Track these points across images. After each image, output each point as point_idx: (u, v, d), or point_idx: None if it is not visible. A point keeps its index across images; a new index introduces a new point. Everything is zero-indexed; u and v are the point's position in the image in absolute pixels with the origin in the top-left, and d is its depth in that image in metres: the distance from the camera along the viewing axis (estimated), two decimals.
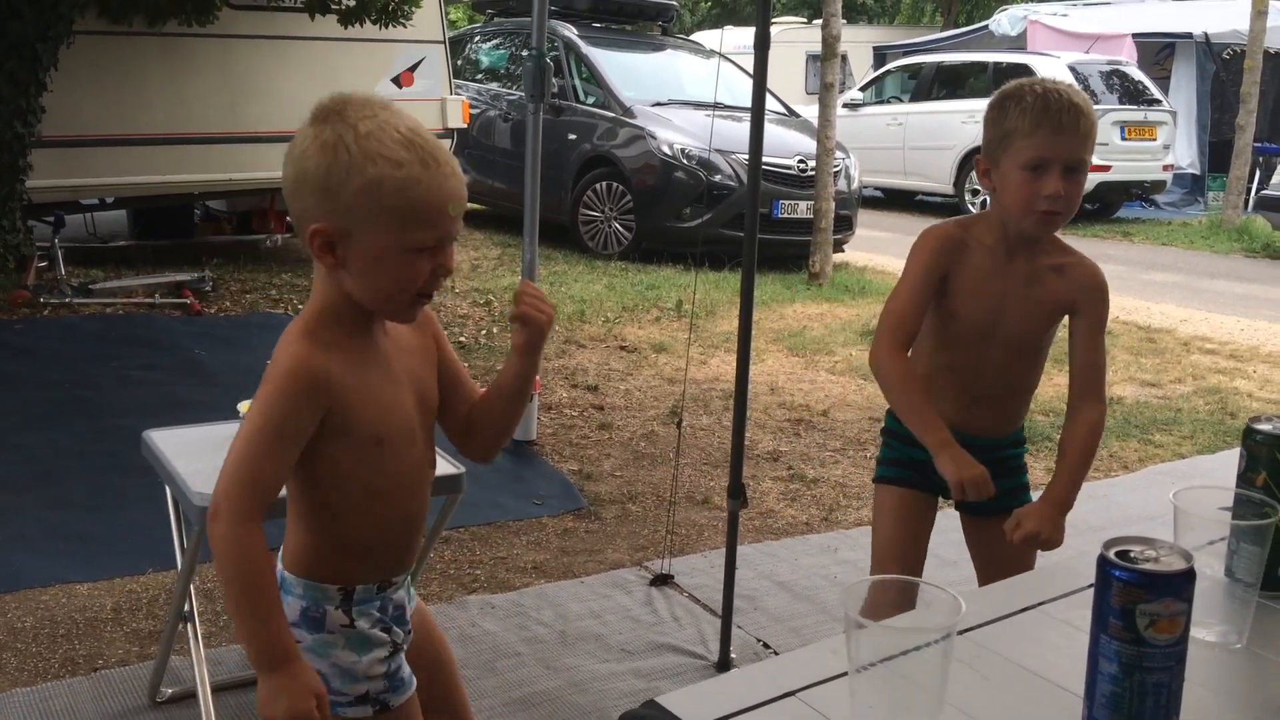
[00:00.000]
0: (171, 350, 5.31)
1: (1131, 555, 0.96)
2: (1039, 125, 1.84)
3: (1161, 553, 0.96)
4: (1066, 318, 2.03)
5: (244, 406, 2.31)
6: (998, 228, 1.98)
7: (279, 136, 7.07)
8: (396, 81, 7.42)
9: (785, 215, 8.39)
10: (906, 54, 15.86)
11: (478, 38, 10.93)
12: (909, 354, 2.02)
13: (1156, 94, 12.76)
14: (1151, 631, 0.93)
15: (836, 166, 8.19)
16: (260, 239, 7.86)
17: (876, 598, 1.02)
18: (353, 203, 1.31)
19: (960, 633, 1.17)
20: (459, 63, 10.24)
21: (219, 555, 1.32)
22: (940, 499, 2.15)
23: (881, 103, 14.10)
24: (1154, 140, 12.31)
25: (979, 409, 2.05)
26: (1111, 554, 0.96)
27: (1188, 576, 0.94)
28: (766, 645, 2.93)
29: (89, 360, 5.06)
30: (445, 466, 2.24)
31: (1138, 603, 0.93)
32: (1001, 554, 2.06)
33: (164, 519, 2.46)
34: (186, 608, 2.37)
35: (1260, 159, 12.52)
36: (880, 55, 16.89)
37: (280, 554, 1.50)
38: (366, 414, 1.39)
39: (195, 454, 2.25)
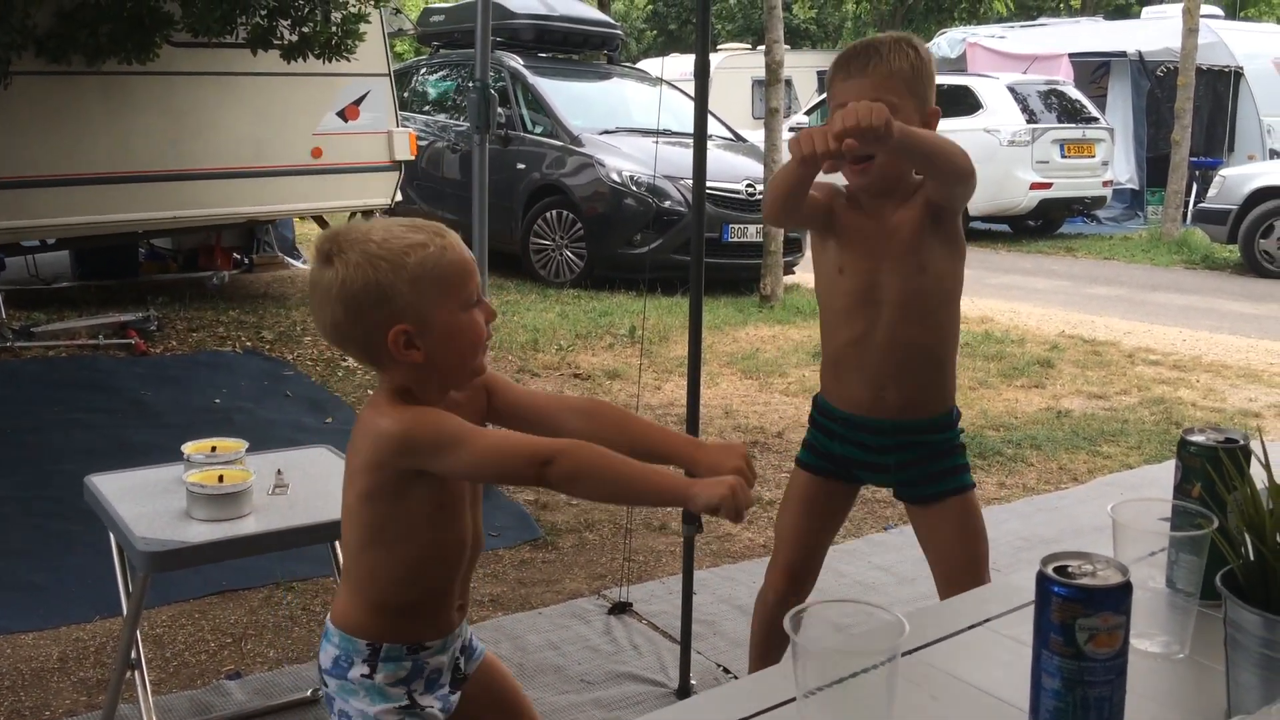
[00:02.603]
0: (116, 392, 5.22)
1: (1069, 570, 0.97)
2: (837, 72, 1.97)
3: (1099, 567, 0.98)
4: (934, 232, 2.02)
5: (189, 448, 2.29)
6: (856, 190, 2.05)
7: (225, 173, 7.03)
8: (341, 115, 7.39)
9: (735, 239, 8.45)
10: None
11: (424, 70, 10.93)
12: (822, 347, 2.15)
13: (1094, 112, 13.05)
14: (1091, 646, 0.95)
15: None
16: (207, 276, 7.77)
17: (819, 621, 1.02)
18: (410, 295, 1.42)
19: (908, 652, 1.18)
20: (405, 95, 10.23)
21: (580, 473, 1.39)
22: (886, 488, 2.20)
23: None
24: (1093, 157, 12.58)
25: (886, 388, 2.06)
26: (1050, 570, 0.97)
27: (1124, 590, 0.96)
28: (727, 670, 2.93)
29: (32, 404, 4.97)
30: None
31: (1076, 617, 0.94)
32: (947, 548, 2.09)
33: (111, 565, 2.42)
34: (134, 655, 2.32)
35: (1196, 173, 12.85)
36: (824, 79, 17.11)
37: (330, 610, 1.59)
38: (431, 487, 1.47)
39: (138, 498, 2.21)
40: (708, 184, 2.94)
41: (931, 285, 2.03)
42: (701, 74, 2.81)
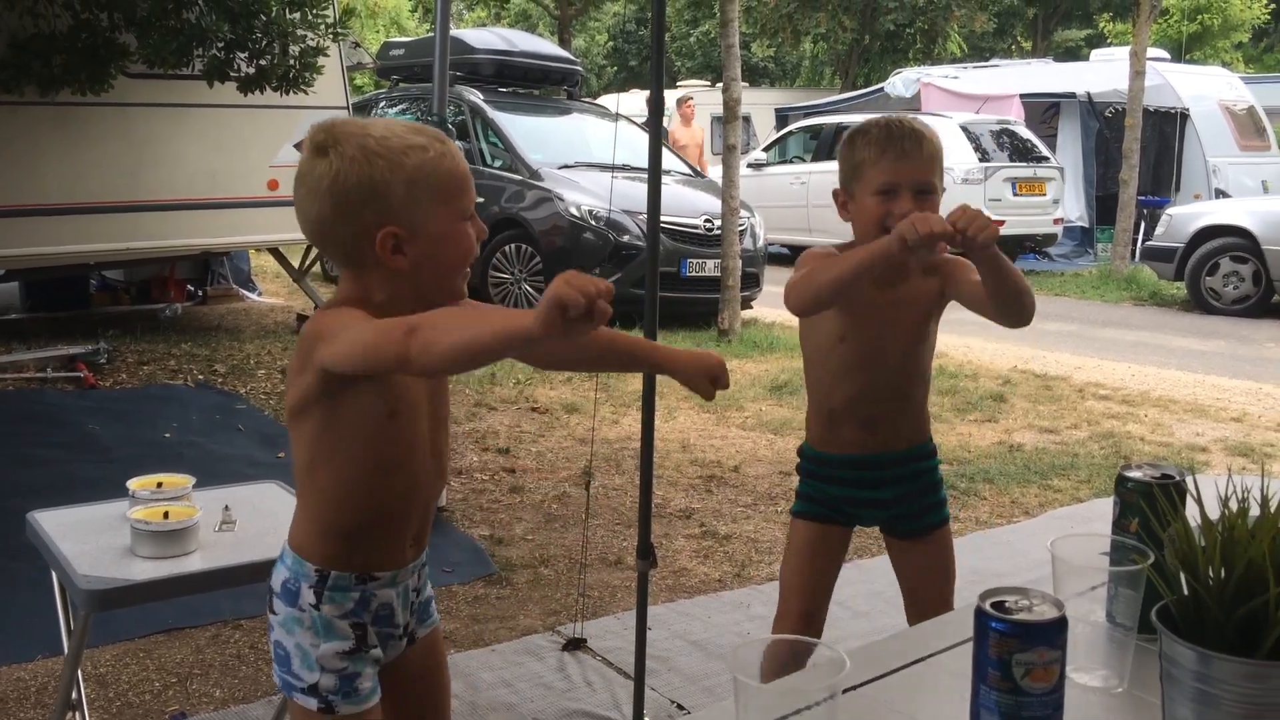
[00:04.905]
0: (64, 427, 5.13)
1: (1007, 606, 0.99)
2: (884, 153, 1.97)
3: (1035, 602, 0.99)
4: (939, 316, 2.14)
5: (134, 484, 2.25)
6: None
7: (180, 204, 6.98)
8: (299, 148, 7.36)
9: (693, 274, 8.50)
10: (807, 115, 16.30)
11: (383, 103, 10.94)
12: (810, 399, 2.17)
13: (1044, 151, 13.31)
14: (1028, 680, 0.96)
15: (742, 225, 8.34)
16: (160, 308, 7.69)
17: (767, 658, 1.03)
18: (406, 196, 1.37)
19: (853, 688, 1.18)
20: None
21: (439, 324, 1.23)
22: (874, 528, 2.26)
23: (785, 162, 14.44)
24: (1044, 195, 12.81)
25: (879, 429, 2.15)
26: (987, 605, 0.99)
27: (1060, 625, 0.97)
28: (681, 707, 2.92)
29: None
30: None
31: (1013, 652, 0.96)
32: (924, 583, 2.15)
33: (54, 603, 2.37)
34: (75, 695, 2.27)
35: (1144, 211, 13.11)
36: (782, 117, 17.33)
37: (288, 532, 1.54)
38: (385, 382, 1.41)
39: (82, 535, 2.17)
40: (666, 219, 2.97)
41: (929, 346, 2.15)
42: (656, 111, 2.85)
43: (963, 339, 8.13)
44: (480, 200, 6.57)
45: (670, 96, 16.72)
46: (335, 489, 1.46)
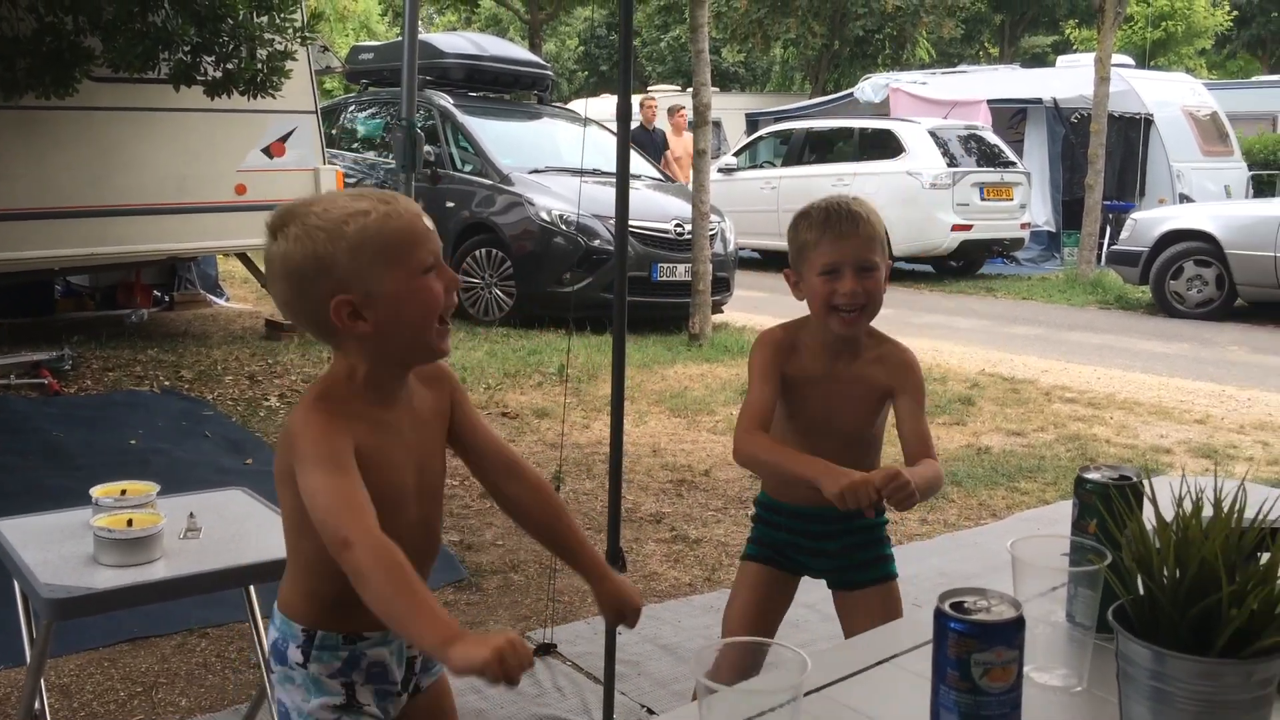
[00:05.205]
0: (28, 434, 5.07)
1: (965, 606, 1.00)
2: (824, 234, 2.04)
3: (993, 603, 1.01)
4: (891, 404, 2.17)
5: (97, 491, 2.23)
6: (820, 330, 2.11)
7: (146, 209, 6.91)
8: (267, 152, 7.32)
9: (664, 278, 8.52)
10: (777, 120, 16.38)
11: (353, 107, 10.90)
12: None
13: (1011, 156, 13.44)
14: (986, 680, 0.97)
15: (712, 230, 8.37)
16: (125, 314, 7.61)
17: (727, 660, 1.04)
18: (351, 264, 1.39)
19: (816, 690, 1.19)
20: (334, 132, 10.18)
21: (364, 574, 1.29)
22: (809, 577, 2.28)
23: (755, 167, 14.50)
24: (1011, 200, 12.93)
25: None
26: (946, 606, 1.00)
27: (1017, 625, 0.99)
28: (651, 711, 2.92)
29: None
30: None
31: (971, 652, 0.97)
32: (868, 624, 2.14)
33: (15, 613, 2.34)
34: (38, 706, 2.25)
35: (1110, 216, 13.26)
36: (753, 121, 17.40)
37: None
38: (366, 475, 1.41)
39: (44, 543, 2.15)
40: (637, 224, 2.98)
41: (880, 420, 2.19)
42: (623, 116, 2.86)
43: (932, 342, 8.19)
44: (451, 204, 6.52)
45: (640, 101, 16.74)
46: (318, 558, 1.43)
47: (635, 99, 14.92)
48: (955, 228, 12.42)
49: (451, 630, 1.22)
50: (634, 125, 12.73)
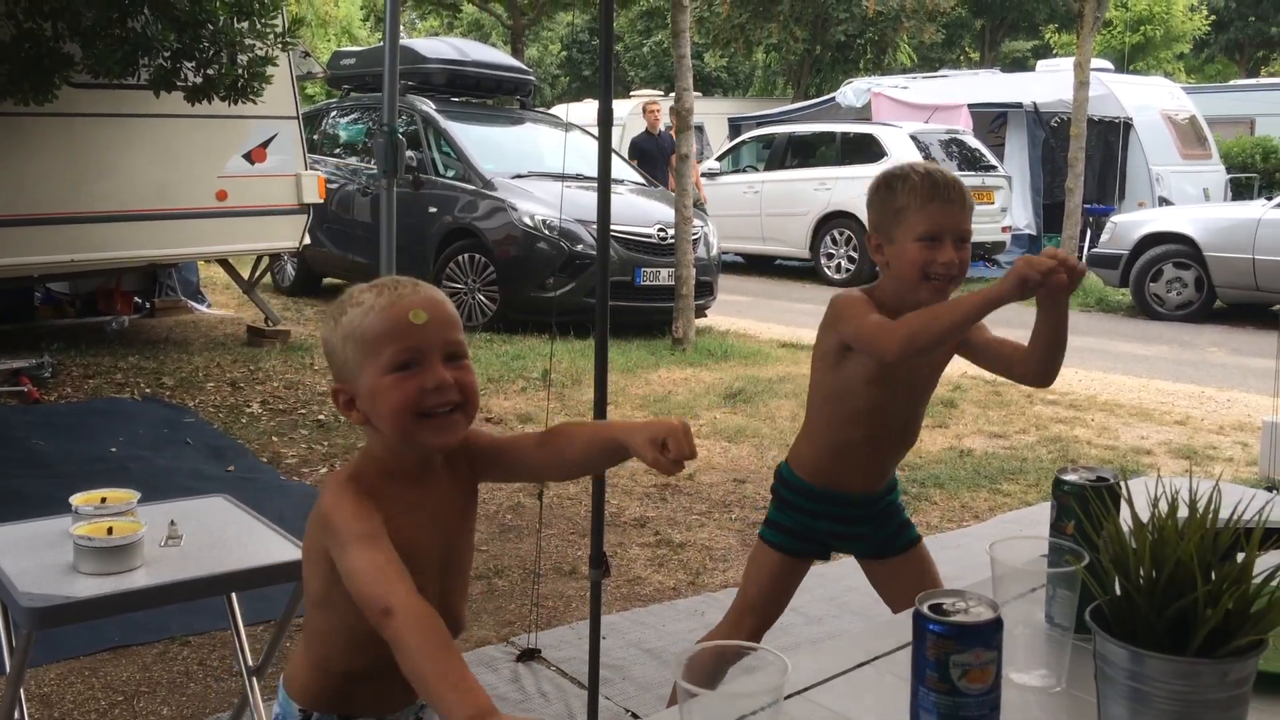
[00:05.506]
0: (7, 441, 5.03)
1: (944, 608, 1.01)
2: (930, 200, 1.98)
3: (971, 604, 1.01)
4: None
5: (77, 499, 2.22)
6: (892, 297, 2.05)
7: (126, 215, 6.88)
8: (248, 158, 7.30)
9: (648, 283, 8.52)
10: (760, 125, 16.43)
11: (334, 113, 10.87)
12: (814, 433, 2.19)
13: (992, 160, 13.52)
14: (965, 681, 0.98)
15: (696, 234, 8.38)
16: (106, 321, 7.57)
17: (712, 664, 1.04)
18: (342, 354, 1.42)
19: (797, 692, 1.20)
20: (315, 137, 10.15)
21: (403, 639, 1.26)
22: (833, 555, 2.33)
23: (738, 171, 14.53)
24: (992, 204, 13.00)
25: (884, 469, 2.22)
26: (925, 607, 1.00)
27: (995, 626, 0.99)
28: (636, 716, 2.92)
29: None
30: (292, 552, 2.18)
31: (950, 654, 0.97)
32: (911, 586, 2.16)
33: None
34: (18, 716, 2.23)
35: (1090, 219, 13.35)
36: (735, 126, 17.45)
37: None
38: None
39: (23, 552, 2.14)
40: (619, 228, 2.98)
41: (942, 366, 2.19)
42: (605, 121, 2.86)
43: None
44: (433, 210, 6.51)
45: (623, 106, 16.76)
46: (338, 628, 1.45)
47: (638, 104, 14.94)
48: None
49: (482, 706, 1.19)
50: (639, 133, 12.77)
